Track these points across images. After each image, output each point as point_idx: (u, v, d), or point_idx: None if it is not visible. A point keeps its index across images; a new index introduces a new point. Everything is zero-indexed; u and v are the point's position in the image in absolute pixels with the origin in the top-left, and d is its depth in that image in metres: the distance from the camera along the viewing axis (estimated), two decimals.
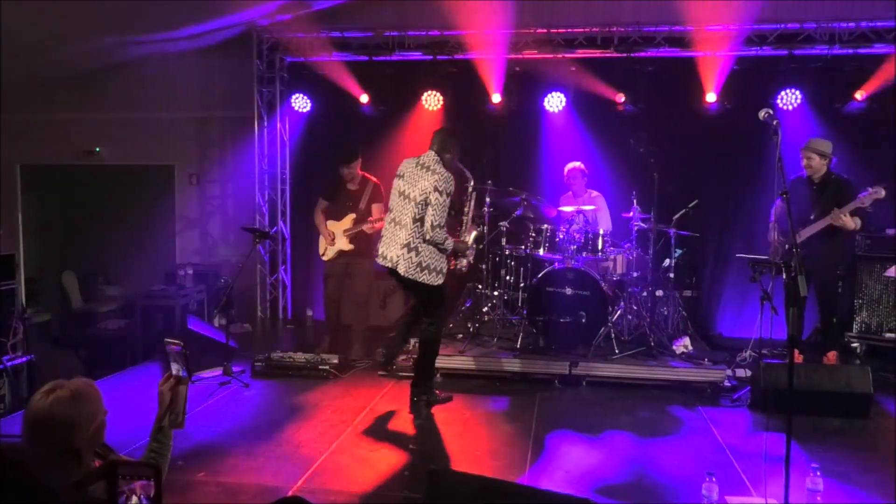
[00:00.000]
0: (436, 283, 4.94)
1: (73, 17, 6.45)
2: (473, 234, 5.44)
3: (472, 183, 5.47)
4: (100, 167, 8.88)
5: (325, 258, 6.50)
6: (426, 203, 4.83)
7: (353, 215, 6.37)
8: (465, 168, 5.33)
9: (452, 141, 5.07)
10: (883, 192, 5.36)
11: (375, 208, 6.35)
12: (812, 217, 5.60)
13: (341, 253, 6.39)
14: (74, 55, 7.88)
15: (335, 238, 6.40)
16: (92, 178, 8.89)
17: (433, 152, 4.99)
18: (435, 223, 4.81)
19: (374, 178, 6.45)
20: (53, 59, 7.77)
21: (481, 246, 5.73)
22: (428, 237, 4.84)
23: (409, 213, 4.89)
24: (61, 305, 8.51)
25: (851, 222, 5.48)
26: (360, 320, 6.58)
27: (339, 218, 6.44)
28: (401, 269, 4.90)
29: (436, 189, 4.80)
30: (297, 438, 4.50)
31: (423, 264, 4.89)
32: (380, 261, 5.09)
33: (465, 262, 5.38)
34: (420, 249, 4.88)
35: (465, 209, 5.48)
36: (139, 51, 8.27)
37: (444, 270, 5.00)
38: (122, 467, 1.83)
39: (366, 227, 6.29)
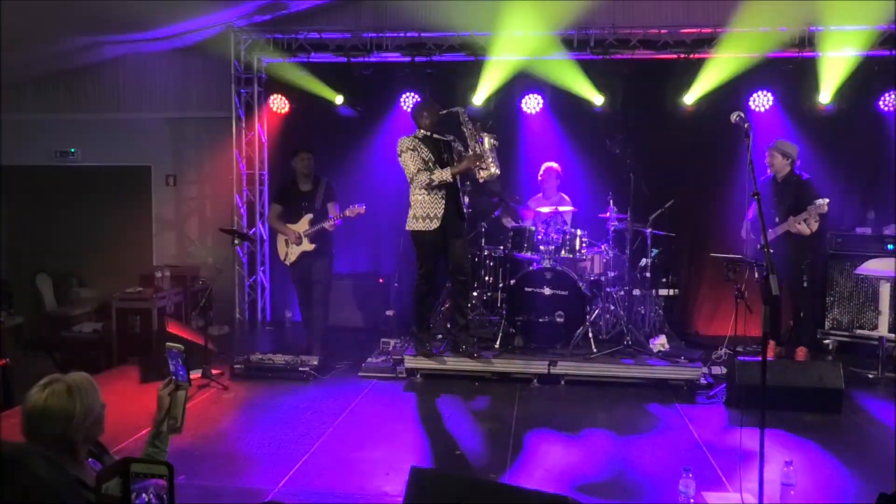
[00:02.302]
0: (430, 228, 5.59)
1: (48, 17, 6.38)
2: (486, 140, 5.61)
3: (459, 108, 5.76)
4: (75, 168, 8.78)
5: (287, 262, 6.51)
6: (403, 168, 5.68)
7: (309, 215, 6.39)
8: (446, 109, 5.71)
9: (419, 108, 5.79)
10: (826, 208, 5.72)
11: (331, 206, 6.40)
12: (777, 219, 5.84)
13: (304, 254, 6.41)
14: (50, 55, 7.79)
15: (300, 238, 6.40)
16: (67, 180, 8.78)
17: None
18: (410, 175, 5.62)
19: (324, 178, 6.53)
20: (28, 59, 7.67)
21: (496, 143, 5.72)
22: (415, 186, 5.60)
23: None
24: (34, 308, 8.39)
25: (806, 228, 5.85)
26: (319, 320, 6.58)
27: (295, 220, 6.44)
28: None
29: (397, 155, 5.67)
30: (277, 440, 4.50)
31: (416, 215, 5.65)
32: None
33: (488, 170, 5.58)
34: (413, 203, 5.68)
35: (463, 128, 5.70)
36: (115, 51, 8.19)
37: (438, 216, 5.58)
38: (135, 465, 1.82)
39: (326, 225, 6.32)
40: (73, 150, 8.75)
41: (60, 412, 2.10)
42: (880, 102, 7.15)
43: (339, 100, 7.70)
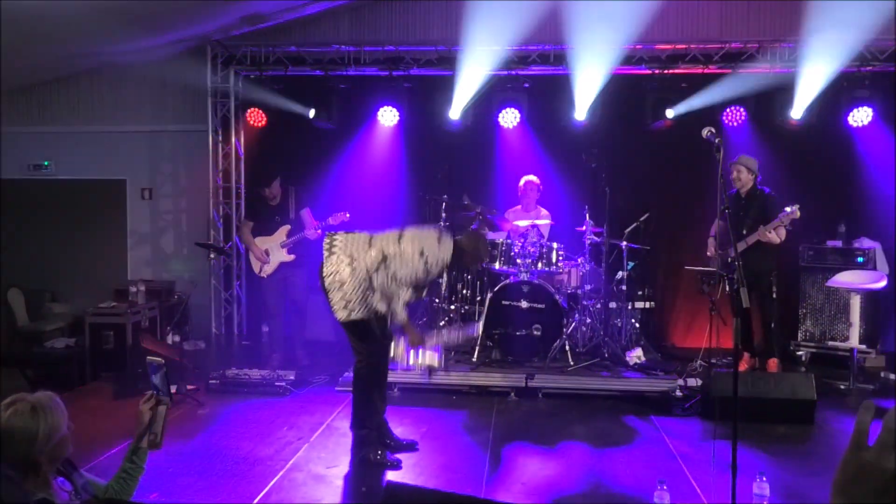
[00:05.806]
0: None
1: (22, 29, 6.32)
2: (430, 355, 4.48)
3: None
4: (49, 181, 8.67)
5: (263, 274, 6.53)
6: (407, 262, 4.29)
7: (286, 226, 6.46)
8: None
9: (471, 247, 4.43)
10: (798, 213, 5.80)
11: (305, 213, 6.47)
12: (744, 231, 5.96)
13: (282, 264, 6.46)
14: (23, 67, 7.70)
15: (270, 252, 6.46)
16: (40, 193, 8.67)
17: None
18: (405, 276, 4.26)
19: (292, 187, 6.58)
20: (1, 71, 7.57)
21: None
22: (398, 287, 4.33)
23: None
24: (6, 324, 8.25)
25: (776, 237, 5.97)
26: (299, 329, 6.64)
27: (270, 233, 6.51)
28: None
29: (420, 251, 4.26)
30: (252, 456, 4.46)
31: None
32: None
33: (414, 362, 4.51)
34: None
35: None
36: (90, 63, 8.12)
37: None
38: None
39: (309, 234, 6.34)
40: (46, 163, 8.65)
41: (23, 432, 2.07)
42: (849, 118, 7.28)
43: (310, 113, 7.67)
